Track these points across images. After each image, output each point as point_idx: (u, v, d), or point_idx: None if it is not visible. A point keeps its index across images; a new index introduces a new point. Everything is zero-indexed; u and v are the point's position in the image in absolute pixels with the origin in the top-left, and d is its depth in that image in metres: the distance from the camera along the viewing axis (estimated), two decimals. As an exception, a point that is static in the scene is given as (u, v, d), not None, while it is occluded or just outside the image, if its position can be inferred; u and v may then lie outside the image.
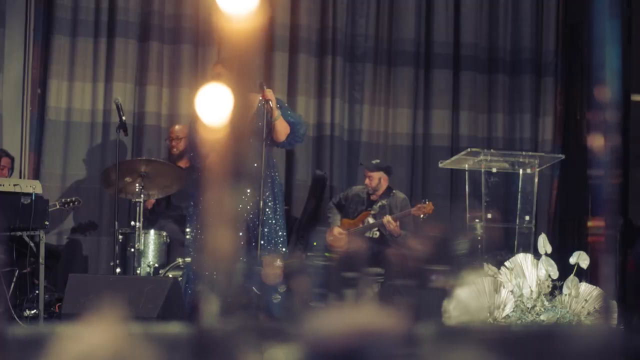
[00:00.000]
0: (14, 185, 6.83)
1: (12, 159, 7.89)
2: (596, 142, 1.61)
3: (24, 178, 8.11)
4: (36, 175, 8.28)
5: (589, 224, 7.08)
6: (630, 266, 7.99)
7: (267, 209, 6.64)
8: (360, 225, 8.14)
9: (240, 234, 6.56)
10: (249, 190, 6.53)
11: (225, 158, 1.35)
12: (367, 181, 8.13)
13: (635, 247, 8.23)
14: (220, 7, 1.38)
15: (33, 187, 6.89)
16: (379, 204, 8.10)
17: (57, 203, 7.74)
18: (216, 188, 1.36)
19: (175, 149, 8.24)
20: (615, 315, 6.44)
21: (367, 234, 8.14)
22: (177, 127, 8.34)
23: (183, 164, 8.12)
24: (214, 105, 1.41)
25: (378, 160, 8.25)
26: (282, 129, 6.71)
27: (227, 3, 1.38)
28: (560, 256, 7.24)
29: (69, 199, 7.83)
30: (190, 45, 8.72)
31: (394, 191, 8.22)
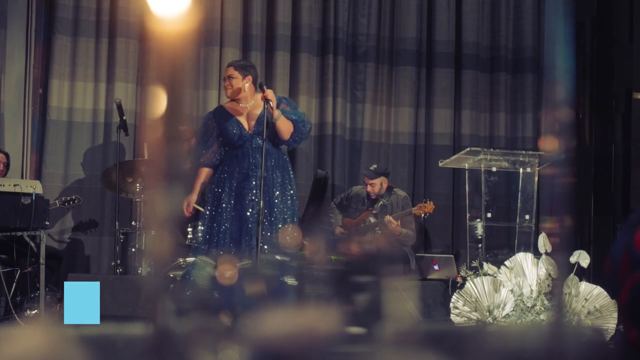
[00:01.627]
0: (14, 185, 6.84)
1: (7, 155, 7.89)
2: (549, 142, 1.60)
3: (26, 178, 8.11)
4: (38, 175, 8.29)
5: (545, 225, 7.08)
6: (606, 267, 7.98)
7: (276, 209, 6.62)
8: (362, 225, 8.15)
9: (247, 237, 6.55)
10: (255, 191, 6.53)
11: (159, 160, 1.35)
12: (369, 188, 8.14)
13: (611, 249, 8.21)
14: (151, 8, 1.37)
15: (33, 187, 6.90)
16: (380, 203, 8.11)
17: (57, 202, 7.75)
18: (151, 189, 1.36)
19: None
20: (616, 314, 6.43)
21: (368, 233, 8.14)
22: (180, 128, 8.28)
23: (186, 165, 8.11)
24: (153, 106, 1.41)
25: (375, 166, 8.24)
26: (285, 128, 6.68)
27: (158, 4, 1.37)
28: (562, 255, 7.21)
29: (69, 197, 7.83)
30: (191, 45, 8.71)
31: (394, 190, 8.22)
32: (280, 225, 6.58)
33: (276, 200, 6.62)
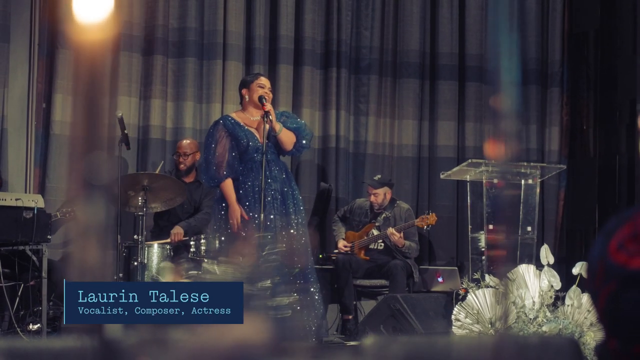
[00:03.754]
0: (16, 199, 6.86)
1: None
2: (495, 151, 1.59)
3: (29, 192, 8.11)
4: (41, 189, 8.29)
5: (488, 236, 7.04)
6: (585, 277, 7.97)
7: (292, 222, 6.65)
8: (365, 237, 8.14)
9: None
10: (272, 203, 6.55)
11: (77, 169, 1.34)
12: (372, 198, 8.14)
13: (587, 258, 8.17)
14: (74, 15, 1.37)
15: (35, 201, 6.91)
16: (383, 215, 8.10)
17: (57, 213, 7.74)
18: (75, 200, 1.35)
19: (182, 165, 8.13)
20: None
21: (372, 246, 8.13)
22: (184, 142, 8.24)
23: (188, 179, 8.11)
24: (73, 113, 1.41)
25: (380, 176, 8.26)
26: (287, 139, 6.77)
27: (81, 11, 1.37)
28: (567, 266, 7.19)
29: (69, 208, 7.83)
30: (194, 59, 8.73)
31: (397, 202, 8.22)
32: (303, 238, 6.64)
33: (285, 212, 6.65)
